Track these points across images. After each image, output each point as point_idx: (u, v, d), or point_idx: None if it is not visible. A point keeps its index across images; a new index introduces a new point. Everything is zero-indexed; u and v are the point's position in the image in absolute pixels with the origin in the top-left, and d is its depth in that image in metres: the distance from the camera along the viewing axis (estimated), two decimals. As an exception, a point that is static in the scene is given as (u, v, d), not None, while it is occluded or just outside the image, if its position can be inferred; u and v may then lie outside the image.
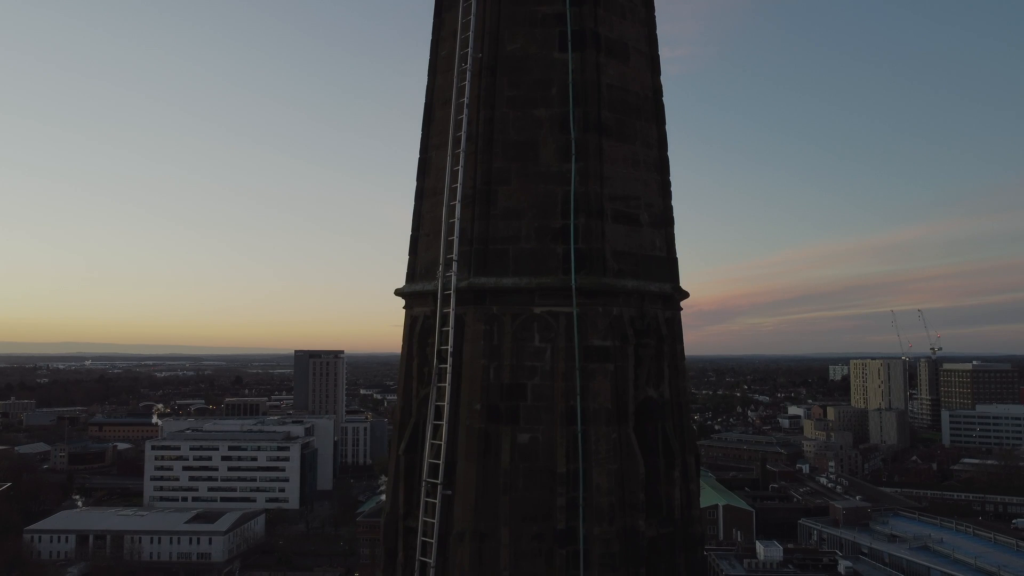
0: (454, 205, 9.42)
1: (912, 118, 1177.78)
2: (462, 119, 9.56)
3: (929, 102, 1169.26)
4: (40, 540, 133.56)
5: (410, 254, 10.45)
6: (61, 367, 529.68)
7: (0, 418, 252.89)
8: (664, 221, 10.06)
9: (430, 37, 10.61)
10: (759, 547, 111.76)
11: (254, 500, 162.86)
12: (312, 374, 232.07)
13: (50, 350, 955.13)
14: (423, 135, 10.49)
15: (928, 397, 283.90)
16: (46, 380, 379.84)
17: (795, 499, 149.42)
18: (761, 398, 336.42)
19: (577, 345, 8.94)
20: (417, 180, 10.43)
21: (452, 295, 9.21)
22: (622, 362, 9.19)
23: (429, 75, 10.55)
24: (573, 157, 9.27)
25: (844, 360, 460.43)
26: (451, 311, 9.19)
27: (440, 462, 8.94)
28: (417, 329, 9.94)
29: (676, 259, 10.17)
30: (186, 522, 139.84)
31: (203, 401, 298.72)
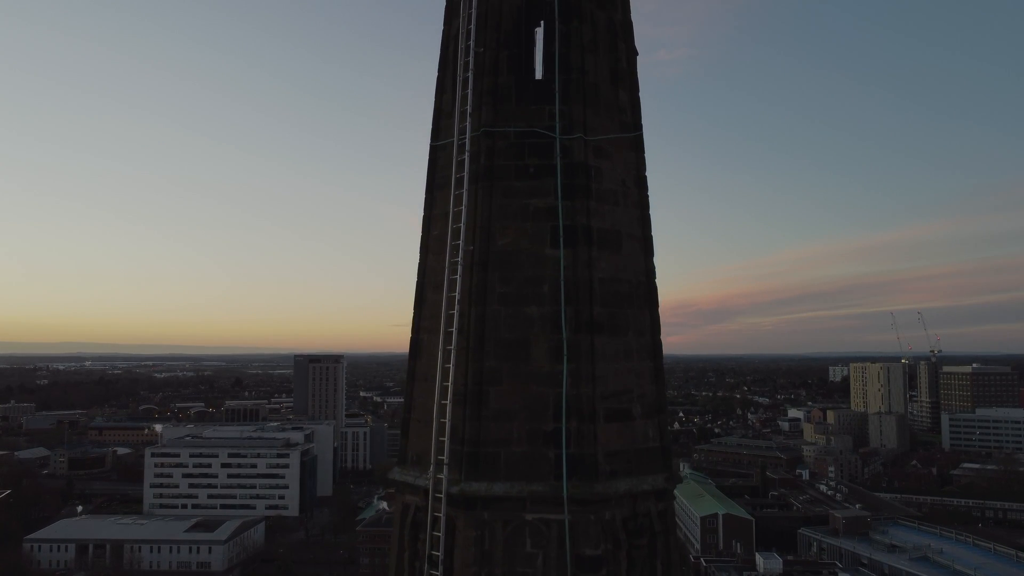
0: (445, 404, 9.34)
1: (912, 118, 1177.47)
2: (453, 314, 9.48)
3: (929, 102, 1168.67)
4: (40, 549, 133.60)
5: (402, 436, 10.38)
6: (61, 367, 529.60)
7: (0, 422, 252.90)
8: (657, 409, 9.97)
9: (421, 213, 10.51)
10: (758, 559, 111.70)
11: (254, 507, 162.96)
12: (312, 379, 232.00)
13: (50, 350, 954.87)
14: (415, 315, 10.39)
15: (928, 399, 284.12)
16: (46, 382, 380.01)
17: (795, 507, 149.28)
18: (761, 400, 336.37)
19: (568, 554, 8.87)
20: (409, 361, 10.33)
21: (443, 499, 9.15)
22: (615, 567, 9.11)
23: (421, 253, 10.43)
24: (564, 359, 9.19)
25: (844, 360, 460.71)
26: (442, 515, 9.13)
27: (431, 673, 8.88)
28: (408, 520, 9.87)
29: (669, 446, 10.08)
30: (186, 531, 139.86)
31: (203, 404, 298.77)
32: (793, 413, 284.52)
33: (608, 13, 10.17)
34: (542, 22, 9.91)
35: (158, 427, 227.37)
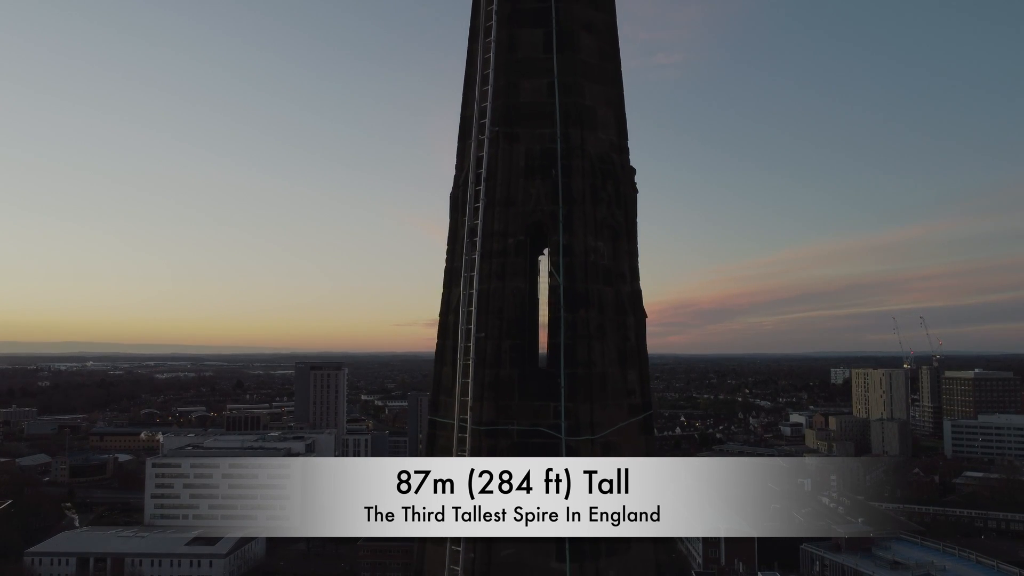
0: None
1: (912, 116, 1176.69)
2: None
3: (929, 100, 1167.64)
4: (40, 563, 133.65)
5: None
6: (63, 368, 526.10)
7: (1, 427, 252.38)
8: None
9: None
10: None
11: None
12: (313, 386, 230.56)
13: (52, 349, 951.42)
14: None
15: (930, 405, 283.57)
16: (47, 383, 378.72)
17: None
18: (763, 403, 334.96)
19: None
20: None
21: None
22: None
23: (417, 542, 9.93)
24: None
25: (845, 359, 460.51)
26: None
27: None
28: None
29: None
30: (186, 544, 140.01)
31: (204, 408, 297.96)
32: (795, 418, 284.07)
33: (616, 288, 9.60)
34: (547, 309, 9.36)
35: (159, 439, 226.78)
